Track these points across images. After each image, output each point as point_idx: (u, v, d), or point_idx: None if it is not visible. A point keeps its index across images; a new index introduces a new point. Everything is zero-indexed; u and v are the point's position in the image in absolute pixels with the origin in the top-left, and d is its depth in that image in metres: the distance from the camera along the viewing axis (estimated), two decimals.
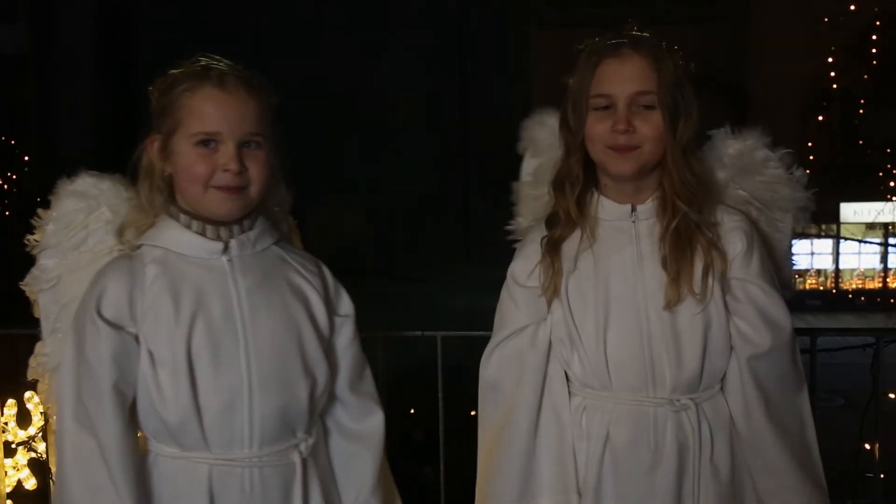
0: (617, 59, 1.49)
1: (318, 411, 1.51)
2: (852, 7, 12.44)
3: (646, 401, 1.50)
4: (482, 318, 1.83)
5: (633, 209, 1.55)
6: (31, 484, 2.84)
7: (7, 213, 7.02)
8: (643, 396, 1.50)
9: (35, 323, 1.61)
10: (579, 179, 1.56)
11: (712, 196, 1.56)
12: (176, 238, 1.45)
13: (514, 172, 1.79)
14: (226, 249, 1.45)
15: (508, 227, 1.78)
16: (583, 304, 1.53)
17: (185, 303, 1.40)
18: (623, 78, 1.48)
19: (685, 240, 1.51)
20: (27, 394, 2.81)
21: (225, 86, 1.41)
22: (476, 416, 1.65)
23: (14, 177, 7.37)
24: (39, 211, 1.55)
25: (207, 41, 1.53)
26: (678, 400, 1.50)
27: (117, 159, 1.58)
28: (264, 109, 1.45)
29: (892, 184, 11.38)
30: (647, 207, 1.55)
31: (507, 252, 1.73)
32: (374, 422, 1.57)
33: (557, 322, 1.55)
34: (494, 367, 1.60)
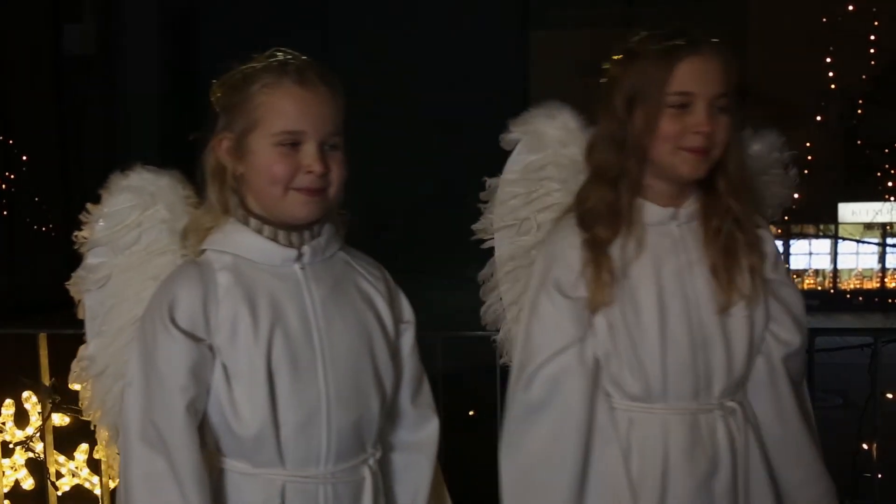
0: (700, 58, 1.43)
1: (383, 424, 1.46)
2: (851, 7, 12.52)
3: (698, 408, 1.48)
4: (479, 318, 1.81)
5: (675, 213, 1.52)
6: (28, 484, 2.84)
7: (4, 212, 6.99)
8: (696, 404, 1.48)
9: (30, 323, 1.59)
10: (636, 181, 1.49)
11: (754, 198, 1.56)
12: (247, 244, 1.36)
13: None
14: (299, 257, 1.37)
15: (475, 227, 1.71)
16: (636, 314, 1.47)
17: (262, 314, 1.32)
18: (707, 78, 1.43)
19: (733, 242, 1.50)
20: (24, 394, 2.81)
21: (306, 82, 1.32)
22: (473, 416, 1.64)
23: (11, 177, 7.38)
24: (89, 206, 1.46)
25: (267, 40, 1.46)
26: (726, 403, 1.49)
27: (181, 158, 1.51)
28: (341, 108, 1.37)
29: (890, 184, 11.36)
30: (688, 210, 1.52)
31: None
32: (430, 429, 1.51)
33: (604, 335, 1.49)
34: (540, 387, 1.49)
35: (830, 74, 12.79)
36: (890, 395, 3.71)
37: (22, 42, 6.28)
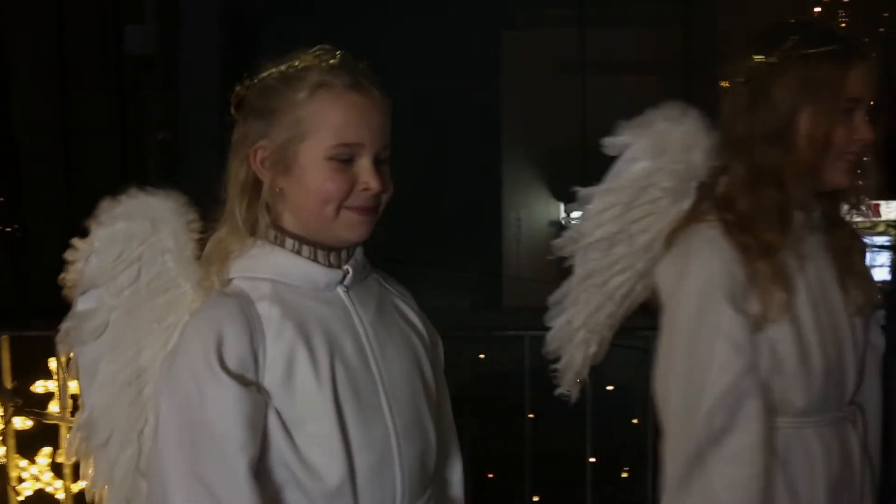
0: (868, 64, 1.38)
1: None
2: (818, 9, 12.67)
3: (840, 417, 1.45)
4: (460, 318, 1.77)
5: (808, 218, 1.46)
6: None
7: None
8: (839, 413, 1.45)
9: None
10: (801, 185, 1.42)
11: None
12: (289, 267, 1.18)
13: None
14: (343, 278, 1.21)
15: (557, 243, 1.57)
16: (799, 325, 1.40)
17: (319, 348, 1.15)
18: (870, 84, 1.38)
19: (852, 246, 1.49)
20: None
21: (361, 87, 1.16)
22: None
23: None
24: (75, 242, 1.23)
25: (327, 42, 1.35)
26: (853, 409, 1.48)
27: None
28: (390, 116, 1.21)
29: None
30: (817, 215, 1.47)
31: (473, 251, 1.65)
32: (457, 475, 1.37)
33: (766, 351, 1.39)
34: (723, 415, 1.36)
35: None
36: None
37: (85, 44, 6.26)
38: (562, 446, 2.97)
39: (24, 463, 2.75)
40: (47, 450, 2.74)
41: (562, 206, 13.89)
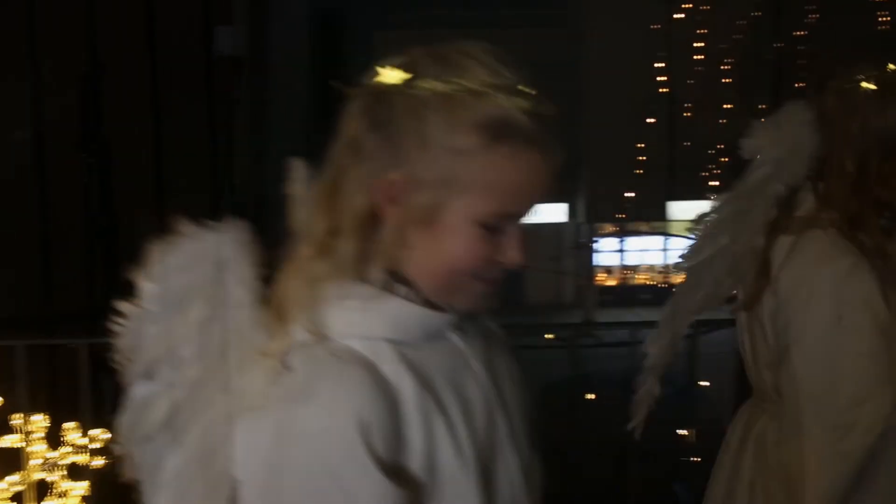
0: None
1: None
2: (681, 16, 13.17)
3: None
4: None
5: None
6: None
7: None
8: None
9: None
10: None
11: None
12: (407, 319, 0.92)
13: None
14: (455, 320, 0.97)
15: (683, 255, 1.52)
16: None
17: (456, 419, 0.91)
18: None
19: None
20: None
21: (542, 142, 0.85)
22: None
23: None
24: (121, 307, 0.91)
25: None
26: None
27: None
28: None
29: (712, 183, 12.17)
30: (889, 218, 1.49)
31: None
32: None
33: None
34: (881, 422, 1.36)
35: (657, 79, 13.62)
36: (706, 383, 3.75)
37: (175, 44, 6.40)
38: None
39: None
40: None
41: None
